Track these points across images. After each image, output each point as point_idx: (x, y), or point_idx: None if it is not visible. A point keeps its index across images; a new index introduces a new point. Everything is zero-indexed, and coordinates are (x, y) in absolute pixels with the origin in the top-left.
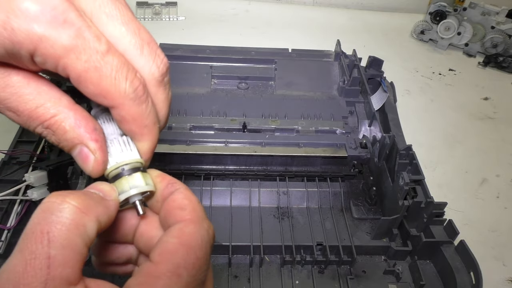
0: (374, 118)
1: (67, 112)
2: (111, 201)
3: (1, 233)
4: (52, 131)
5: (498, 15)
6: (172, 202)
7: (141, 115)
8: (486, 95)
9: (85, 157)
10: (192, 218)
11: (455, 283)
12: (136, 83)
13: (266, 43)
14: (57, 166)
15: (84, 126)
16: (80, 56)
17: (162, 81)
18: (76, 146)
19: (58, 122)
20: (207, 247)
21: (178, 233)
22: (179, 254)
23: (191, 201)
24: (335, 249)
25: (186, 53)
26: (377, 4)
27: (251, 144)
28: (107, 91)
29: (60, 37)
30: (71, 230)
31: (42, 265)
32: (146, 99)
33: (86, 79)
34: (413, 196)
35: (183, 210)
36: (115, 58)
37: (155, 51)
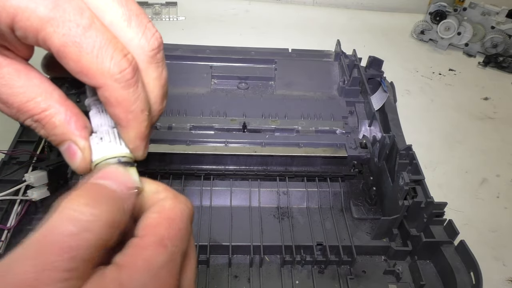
0: (374, 118)
1: (58, 107)
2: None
3: (1, 233)
4: (41, 125)
5: (498, 15)
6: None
7: (126, 100)
8: (486, 95)
9: (72, 153)
10: (169, 195)
11: (455, 283)
12: (123, 64)
13: (266, 43)
14: (57, 166)
15: (74, 123)
16: (58, 29)
17: (154, 57)
18: (65, 141)
19: (48, 117)
20: (187, 219)
21: (159, 209)
22: (162, 227)
23: (159, 185)
24: (335, 249)
25: (186, 53)
26: (377, 4)
27: (251, 144)
28: (88, 69)
29: (36, 8)
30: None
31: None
32: (134, 83)
33: (65, 55)
34: (413, 196)
35: (157, 193)
36: (99, 34)
37: (144, 24)
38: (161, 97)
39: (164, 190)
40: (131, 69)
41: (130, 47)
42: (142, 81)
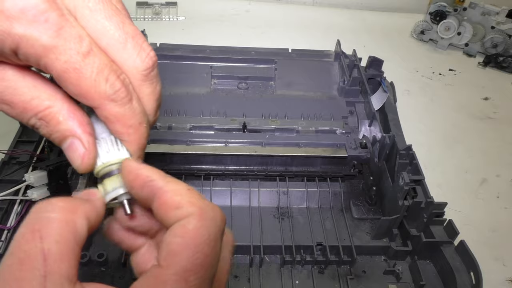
0: (374, 118)
1: (61, 104)
2: (97, 200)
3: (1, 233)
4: (45, 122)
5: (498, 15)
6: (164, 205)
7: (124, 116)
8: (486, 95)
9: (75, 150)
10: (193, 211)
11: (455, 283)
12: (117, 85)
13: (266, 43)
14: (57, 166)
15: (78, 119)
16: (59, 56)
17: (148, 75)
18: (67, 138)
19: (52, 114)
20: (216, 239)
21: (181, 231)
22: (184, 256)
23: (182, 195)
24: (335, 249)
25: (186, 53)
26: (377, 4)
27: (251, 144)
28: (86, 92)
29: (40, 37)
30: (62, 227)
31: (38, 259)
32: (129, 101)
33: (66, 79)
34: (413, 196)
35: (180, 209)
36: (96, 59)
37: (140, 45)
38: (155, 109)
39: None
40: (124, 89)
41: (125, 67)
42: (137, 97)
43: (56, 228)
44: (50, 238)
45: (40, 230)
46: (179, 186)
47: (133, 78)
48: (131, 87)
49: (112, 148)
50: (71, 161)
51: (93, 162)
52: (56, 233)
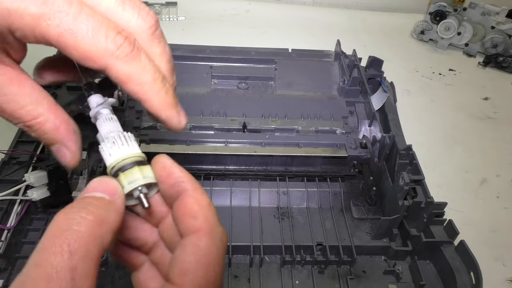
0: (374, 118)
1: (47, 115)
2: (119, 200)
3: (1, 233)
4: (32, 130)
5: (498, 15)
6: (183, 208)
7: (134, 73)
8: (486, 95)
9: (62, 154)
10: (205, 228)
11: (455, 283)
12: (119, 40)
13: (266, 43)
14: (57, 166)
15: (64, 129)
16: (50, 22)
17: (154, 34)
18: (55, 145)
19: (39, 125)
20: (222, 256)
21: (193, 249)
22: (198, 274)
23: (201, 207)
24: (335, 249)
25: (186, 53)
26: (377, 4)
27: (251, 144)
28: (88, 53)
29: (26, 7)
30: (90, 243)
31: (66, 277)
32: (136, 56)
33: (64, 44)
34: (413, 196)
35: (195, 219)
36: (89, 19)
37: (138, 6)
38: (170, 71)
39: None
40: (127, 43)
41: (129, 29)
42: (146, 54)
43: (84, 244)
44: (79, 255)
45: (69, 244)
46: (202, 196)
47: (139, 39)
48: (138, 43)
49: (123, 145)
50: (59, 161)
51: (78, 160)
52: (85, 249)
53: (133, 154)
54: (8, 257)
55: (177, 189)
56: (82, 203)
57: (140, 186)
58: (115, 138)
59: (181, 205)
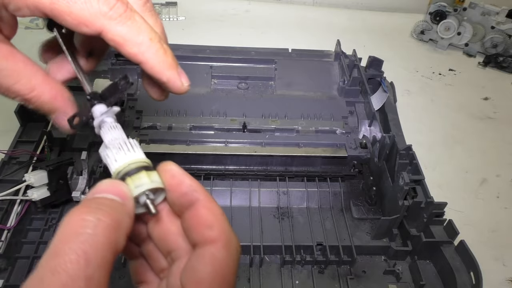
0: (374, 118)
1: (43, 87)
2: (130, 204)
3: (1, 233)
4: (31, 103)
5: (498, 15)
6: (197, 218)
7: (129, 33)
8: (486, 95)
9: (61, 121)
10: (223, 239)
11: (455, 283)
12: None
13: (266, 43)
14: (57, 166)
15: (60, 99)
16: None
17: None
18: (53, 114)
19: (36, 97)
20: (237, 268)
21: (211, 261)
22: (214, 286)
23: (217, 217)
24: (335, 249)
25: (186, 53)
26: (377, 4)
27: (251, 144)
28: (82, 17)
29: None
30: (106, 249)
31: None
32: (131, 16)
33: (58, 12)
34: (413, 196)
35: (211, 230)
36: None
37: None
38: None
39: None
40: (120, 3)
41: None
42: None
43: (101, 251)
44: (95, 263)
45: (86, 252)
46: (215, 206)
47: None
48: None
49: (128, 151)
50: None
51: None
52: (101, 256)
53: (139, 160)
54: (8, 257)
55: (189, 198)
56: (95, 203)
57: (148, 191)
58: (120, 145)
59: (194, 214)
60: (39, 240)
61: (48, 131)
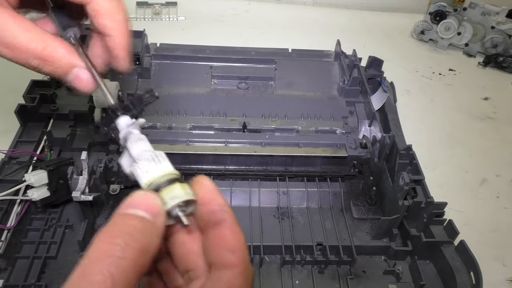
0: (374, 118)
1: (55, 44)
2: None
3: (1, 233)
4: (47, 62)
5: (498, 15)
6: (220, 239)
7: (111, 9)
8: (486, 95)
9: (81, 79)
10: (241, 266)
11: (455, 283)
12: None
13: (266, 43)
14: (57, 166)
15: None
16: None
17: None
18: (71, 70)
19: (50, 53)
20: None
21: (228, 286)
22: None
23: (239, 242)
24: (335, 249)
25: (186, 53)
26: (377, 4)
27: (251, 144)
28: None
29: None
30: (132, 272)
31: None
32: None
33: None
34: (413, 196)
35: (232, 254)
36: None
37: None
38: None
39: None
40: None
41: None
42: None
43: (126, 273)
44: (120, 284)
45: (112, 274)
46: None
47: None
48: None
49: (159, 162)
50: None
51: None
52: (126, 278)
53: (171, 172)
54: (8, 257)
55: (217, 217)
56: (125, 225)
57: (182, 203)
58: (151, 157)
59: (219, 235)
60: (39, 240)
61: (48, 131)
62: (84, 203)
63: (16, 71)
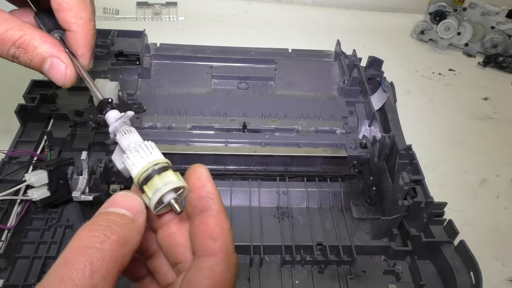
0: (374, 118)
1: (33, 32)
2: (141, 219)
3: (1, 233)
4: (24, 50)
5: (498, 15)
6: (204, 226)
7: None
8: (486, 95)
9: (56, 67)
10: (223, 254)
11: (455, 283)
12: None
13: (266, 43)
14: (57, 166)
15: (51, 42)
16: None
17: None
18: (47, 59)
19: (28, 40)
20: (234, 281)
21: (210, 274)
22: None
23: (223, 230)
24: (335, 249)
25: (186, 53)
26: (377, 4)
27: (251, 144)
28: None
29: None
30: (111, 263)
31: None
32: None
33: None
34: (413, 196)
35: (214, 242)
36: None
37: None
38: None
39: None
40: None
41: None
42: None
43: (106, 264)
44: (100, 274)
45: (92, 263)
46: (225, 219)
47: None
48: None
49: (150, 152)
50: (55, 79)
51: (75, 75)
52: (106, 268)
53: (162, 160)
54: (8, 257)
55: (203, 204)
56: (106, 221)
57: (175, 189)
58: (141, 147)
59: (203, 222)
60: (39, 240)
61: (48, 131)
62: (84, 203)
63: (16, 71)
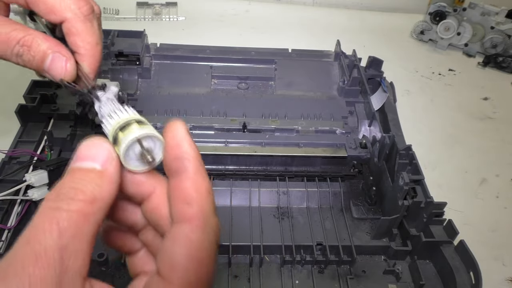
0: (374, 118)
1: (36, 32)
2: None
3: (1, 233)
4: (27, 47)
5: (497, 15)
6: (179, 190)
7: (84, 31)
8: (486, 95)
9: (57, 61)
10: (199, 220)
11: (455, 283)
12: (81, 3)
13: (266, 43)
14: (57, 166)
15: (53, 41)
16: None
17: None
18: (48, 55)
19: (31, 38)
20: (215, 251)
21: (185, 242)
22: (190, 270)
23: (199, 194)
24: (335, 249)
25: (186, 53)
26: (377, 4)
27: (251, 144)
28: (53, 7)
29: None
30: (81, 221)
31: (55, 256)
32: (91, 20)
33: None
34: (413, 196)
35: (189, 206)
36: None
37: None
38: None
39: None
40: (88, 7)
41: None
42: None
43: (75, 222)
44: (69, 233)
45: (58, 223)
46: (202, 181)
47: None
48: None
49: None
50: (56, 73)
51: (74, 68)
52: (75, 228)
53: (132, 117)
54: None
55: (178, 165)
56: (71, 181)
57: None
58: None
59: (177, 186)
60: None
61: (49, 131)
62: None
63: (16, 71)
